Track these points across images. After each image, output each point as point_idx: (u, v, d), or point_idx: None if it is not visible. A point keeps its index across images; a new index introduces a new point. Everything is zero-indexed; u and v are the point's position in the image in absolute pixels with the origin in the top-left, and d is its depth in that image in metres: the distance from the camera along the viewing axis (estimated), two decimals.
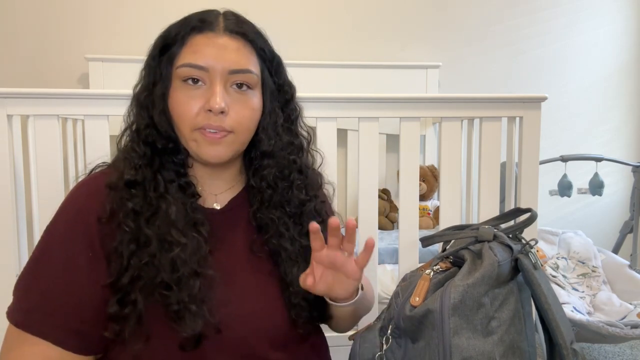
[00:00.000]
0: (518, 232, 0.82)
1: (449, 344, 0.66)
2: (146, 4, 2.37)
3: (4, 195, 1.17)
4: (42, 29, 2.33)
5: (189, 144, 0.70)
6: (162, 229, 0.66)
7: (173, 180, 0.70)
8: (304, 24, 2.47)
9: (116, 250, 0.65)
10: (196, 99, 0.67)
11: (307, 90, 1.23)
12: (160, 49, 0.71)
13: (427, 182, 2.29)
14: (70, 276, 0.64)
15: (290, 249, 0.74)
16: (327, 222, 0.72)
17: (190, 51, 0.68)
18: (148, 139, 0.70)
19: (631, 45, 2.68)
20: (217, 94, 0.66)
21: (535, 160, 1.33)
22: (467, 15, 2.57)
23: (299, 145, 0.79)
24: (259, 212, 0.75)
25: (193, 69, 0.67)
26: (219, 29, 0.69)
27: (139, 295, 0.64)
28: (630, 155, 2.70)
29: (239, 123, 0.69)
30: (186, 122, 0.68)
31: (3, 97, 1.16)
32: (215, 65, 0.67)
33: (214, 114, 0.66)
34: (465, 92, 2.52)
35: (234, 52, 0.68)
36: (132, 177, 0.68)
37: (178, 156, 0.72)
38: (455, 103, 1.30)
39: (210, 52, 0.67)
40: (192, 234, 0.68)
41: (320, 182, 0.83)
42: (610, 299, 1.82)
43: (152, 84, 0.71)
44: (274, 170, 0.75)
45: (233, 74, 0.68)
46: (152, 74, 0.71)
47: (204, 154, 0.68)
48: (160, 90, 0.70)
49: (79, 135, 1.99)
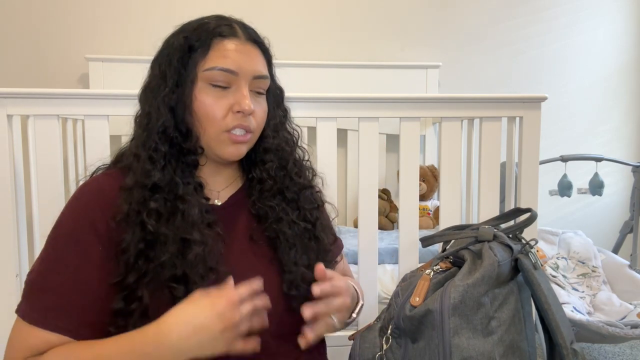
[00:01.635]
0: (518, 232, 0.82)
1: (449, 344, 0.66)
2: (146, 4, 2.37)
3: (4, 195, 1.17)
4: (42, 29, 2.33)
5: (211, 144, 0.73)
6: (180, 228, 0.68)
7: (189, 182, 0.73)
8: (304, 24, 2.47)
9: (126, 249, 0.66)
10: (223, 101, 0.72)
11: (307, 90, 1.24)
12: (185, 51, 0.72)
13: (427, 182, 2.28)
14: (81, 273, 0.66)
15: (288, 233, 0.77)
16: (321, 209, 0.82)
17: (219, 55, 0.71)
18: (174, 140, 0.72)
19: (631, 45, 2.68)
20: (247, 97, 0.72)
21: (535, 160, 1.33)
22: (467, 15, 2.57)
23: (293, 141, 0.85)
24: (259, 202, 0.79)
25: (223, 73, 0.71)
26: (242, 36, 0.74)
27: (145, 291, 0.66)
28: (630, 155, 2.70)
29: (258, 124, 0.76)
30: (215, 124, 0.72)
31: (3, 97, 1.16)
32: (243, 70, 0.72)
33: (244, 115, 0.72)
34: (465, 92, 2.52)
35: (256, 59, 0.75)
36: (158, 179, 0.69)
37: (192, 156, 0.74)
38: (455, 103, 1.30)
39: (240, 58, 0.72)
40: (210, 233, 0.70)
41: (311, 174, 0.87)
42: (610, 299, 1.82)
43: (176, 84, 0.72)
44: (274, 165, 0.80)
45: (257, 79, 0.74)
46: (177, 74, 0.72)
47: (227, 153, 0.73)
48: (186, 91, 0.72)
49: (79, 135, 1.99)
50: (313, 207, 0.82)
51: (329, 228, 0.87)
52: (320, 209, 0.84)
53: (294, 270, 0.75)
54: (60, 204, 1.21)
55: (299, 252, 0.77)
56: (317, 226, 0.81)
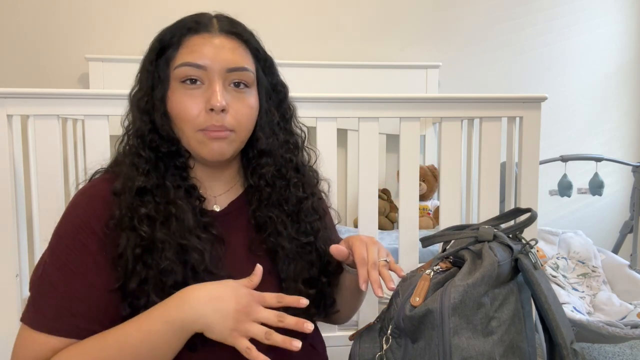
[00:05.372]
0: (518, 232, 0.82)
1: (449, 344, 0.66)
2: (146, 4, 2.37)
3: (4, 195, 1.17)
4: (42, 29, 2.33)
5: (191, 145, 0.70)
6: (176, 233, 0.67)
7: (179, 185, 0.71)
8: (303, 24, 2.47)
9: (122, 254, 0.66)
10: (196, 99, 0.68)
11: (307, 90, 1.24)
12: (157, 52, 0.71)
13: (427, 182, 2.28)
14: (86, 278, 0.66)
15: (287, 247, 0.75)
16: (324, 218, 0.78)
17: (187, 51, 0.69)
18: (152, 143, 0.70)
19: (631, 45, 2.68)
20: (217, 92, 0.67)
21: (535, 160, 1.33)
22: (467, 15, 2.57)
23: (295, 143, 0.81)
24: (258, 211, 0.76)
25: (191, 68, 0.67)
26: (214, 30, 0.70)
27: (149, 297, 0.65)
28: (630, 155, 2.70)
29: (238, 121, 0.70)
30: (188, 124, 0.68)
31: (3, 97, 1.16)
32: (213, 64, 0.68)
33: (215, 112, 0.67)
34: (465, 92, 2.52)
35: (230, 51, 0.69)
36: (142, 183, 0.68)
37: (180, 159, 0.72)
38: (455, 103, 1.30)
39: (208, 51, 0.68)
40: (205, 237, 0.69)
41: (316, 179, 0.85)
42: (610, 299, 1.82)
43: (151, 87, 0.71)
44: (272, 169, 0.76)
45: (231, 72, 0.69)
46: (151, 77, 0.71)
47: (207, 152, 0.69)
48: (160, 94, 0.70)
49: (79, 135, 1.99)
50: (314, 218, 0.79)
51: (333, 233, 0.86)
52: (322, 219, 0.81)
53: (293, 287, 0.74)
54: (60, 204, 1.21)
55: (298, 268, 0.75)
56: (319, 238, 0.79)
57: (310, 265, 0.77)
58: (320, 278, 0.78)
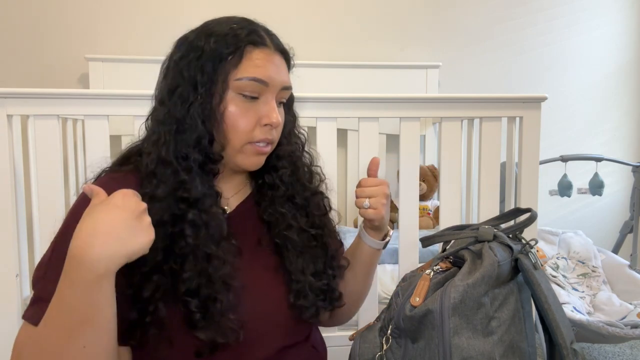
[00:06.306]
0: (518, 232, 0.82)
1: (449, 344, 0.66)
2: (146, 4, 2.37)
3: (4, 195, 1.17)
4: (42, 29, 2.33)
5: (233, 154, 0.71)
6: (203, 242, 0.66)
7: (211, 192, 0.70)
8: (304, 24, 2.47)
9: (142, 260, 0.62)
10: (251, 112, 0.70)
11: (307, 90, 1.23)
12: (218, 58, 0.68)
13: (427, 182, 2.28)
14: None
15: (296, 240, 0.76)
16: (328, 215, 0.83)
17: (251, 65, 0.69)
18: (204, 149, 0.69)
19: (631, 45, 2.68)
20: (275, 110, 0.71)
21: (535, 160, 1.33)
22: (467, 15, 2.57)
23: (302, 144, 0.84)
24: (270, 208, 0.77)
25: (257, 84, 0.69)
26: (271, 46, 0.72)
27: (159, 304, 0.64)
28: (630, 155, 2.70)
29: (279, 134, 0.75)
30: (242, 135, 0.70)
31: (3, 97, 1.16)
32: (274, 82, 0.71)
33: (271, 128, 0.71)
34: (465, 92, 2.52)
35: (285, 71, 0.74)
36: (188, 191, 0.66)
37: (213, 165, 0.71)
38: (455, 103, 1.30)
39: (271, 69, 0.70)
40: (228, 247, 0.69)
41: (320, 177, 0.87)
42: (610, 299, 1.82)
43: (210, 94, 0.68)
44: (287, 171, 0.79)
45: (284, 90, 0.73)
46: (209, 82, 0.68)
47: (249, 163, 0.72)
48: (218, 101, 0.69)
49: (79, 135, 1.99)
50: (321, 213, 0.81)
51: (334, 234, 0.87)
52: (327, 216, 0.84)
53: (302, 280, 0.74)
54: (60, 204, 1.21)
55: (307, 261, 0.76)
56: (325, 233, 0.81)
57: (317, 259, 0.78)
58: (327, 271, 0.79)
